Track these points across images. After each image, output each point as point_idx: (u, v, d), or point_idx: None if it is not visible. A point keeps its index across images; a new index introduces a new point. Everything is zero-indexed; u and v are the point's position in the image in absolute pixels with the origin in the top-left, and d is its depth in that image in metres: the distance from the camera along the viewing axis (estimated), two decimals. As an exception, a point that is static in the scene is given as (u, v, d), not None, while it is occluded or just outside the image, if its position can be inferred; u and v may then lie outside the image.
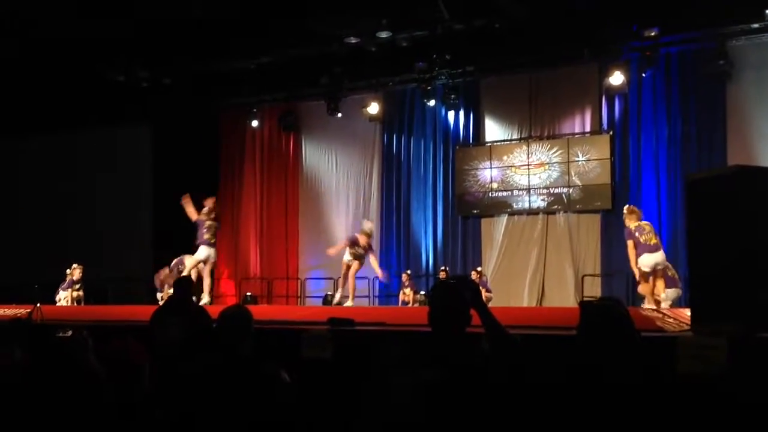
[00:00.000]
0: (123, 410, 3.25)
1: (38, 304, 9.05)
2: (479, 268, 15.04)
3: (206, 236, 12.21)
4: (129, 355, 3.42)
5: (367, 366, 3.12)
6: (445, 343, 2.97)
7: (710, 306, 5.16)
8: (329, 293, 16.87)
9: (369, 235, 12.31)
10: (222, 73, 16.26)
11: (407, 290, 15.08)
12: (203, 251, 12.22)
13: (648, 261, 9.73)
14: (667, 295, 9.81)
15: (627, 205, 10.78)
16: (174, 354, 5.28)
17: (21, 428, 3.09)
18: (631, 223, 9.99)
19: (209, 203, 12.40)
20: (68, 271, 14.56)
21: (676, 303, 9.83)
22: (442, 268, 15.34)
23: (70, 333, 4.44)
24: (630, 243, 9.87)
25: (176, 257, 15.20)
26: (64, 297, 14.23)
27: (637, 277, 9.91)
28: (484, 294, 3.73)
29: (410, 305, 14.73)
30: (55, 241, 17.76)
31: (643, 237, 9.80)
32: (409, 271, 15.65)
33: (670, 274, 10.07)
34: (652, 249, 9.76)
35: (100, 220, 18.02)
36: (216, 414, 3.35)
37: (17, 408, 3.15)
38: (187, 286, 6.15)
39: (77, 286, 14.42)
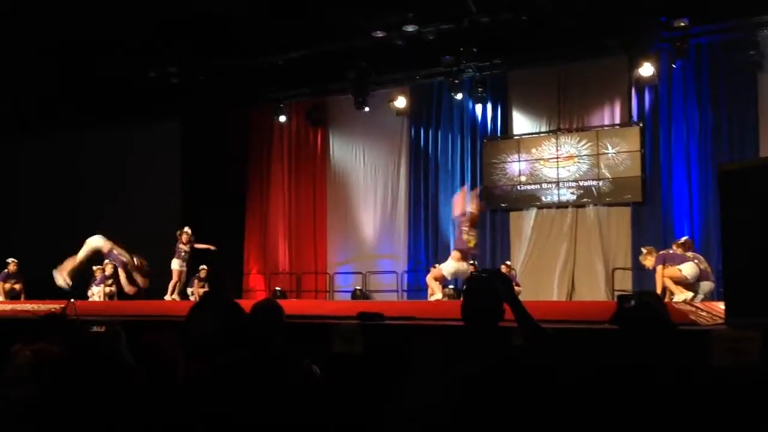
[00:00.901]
0: (155, 403, 3.28)
1: (72, 300, 9.15)
2: (508, 262, 14.98)
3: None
4: (161, 350, 3.45)
5: (399, 360, 3.12)
6: (478, 337, 2.95)
7: (744, 299, 5.10)
8: (358, 288, 16.93)
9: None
10: (250, 69, 16.32)
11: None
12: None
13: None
14: (701, 287, 9.74)
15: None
16: (208, 348, 5.30)
17: (58, 419, 3.13)
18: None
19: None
20: (97, 268, 14.71)
21: (710, 296, 9.74)
22: (471, 262, 15.27)
23: (104, 328, 4.49)
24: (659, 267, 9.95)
25: (205, 253, 15.35)
26: (96, 292, 14.39)
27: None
28: (514, 288, 3.71)
29: (439, 299, 14.67)
30: (87, 237, 17.93)
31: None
32: (437, 265, 15.60)
33: (702, 267, 9.99)
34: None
35: (130, 216, 18.17)
36: (248, 408, 3.37)
37: (56, 400, 3.20)
38: (223, 281, 6.17)
39: (109, 282, 14.57)
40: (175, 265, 13.70)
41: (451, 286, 15.47)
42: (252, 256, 18.57)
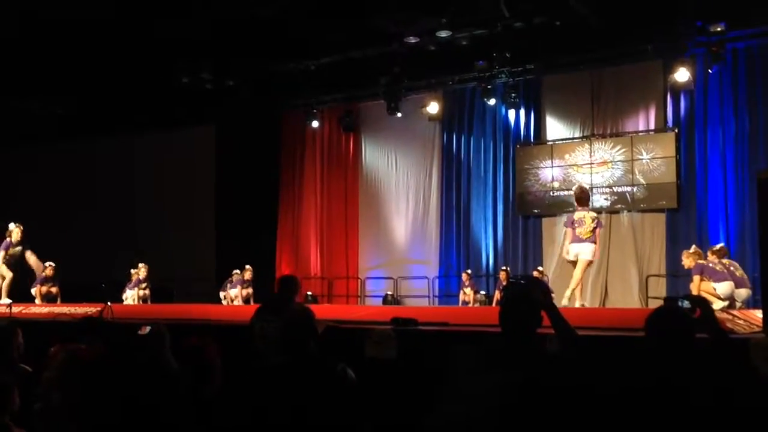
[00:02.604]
0: (196, 404, 3.31)
1: (108, 303, 9.27)
2: (540, 268, 14.89)
3: None
4: (205, 353, 3.49)
5: (435, 366, 3.12)
6: (516, 344, 2.95)
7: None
8: (389, 293, 16.94)
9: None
10: (283, 74, 16.44)
11: (467, 290, 15.03)
12: None
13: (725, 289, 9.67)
14: (737, 295, 9.63)
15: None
16: (270, 352, 5.33)
17: (97, 419, 3.18)
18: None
19: None
20: (133, 270, 14.87)
21: (746, 304, 9.63)
22: (503, 268, 15.22)
23: (148, 329, 4.55)
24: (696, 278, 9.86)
25: (238, 257, 15.46)
26: (130, 296, 14.55)
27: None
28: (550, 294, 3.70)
29: (471, 305, 14.68)
30: (120, 241, 18.18)
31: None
32: (469, 271, 15.59)
33: (738, 274, 9.88)
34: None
35: (165, 220, 18.39)
36: (284, 411, 3.39)
37: (92, 401, 3.24)
38: (291, 285, 6.14)
39: (143, 285, 14.73)
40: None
41: (482, 292, 15.45)
42: (284, 260, 18.65)
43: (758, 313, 6.05)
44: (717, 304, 9.37)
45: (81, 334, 4.89)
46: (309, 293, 17.42)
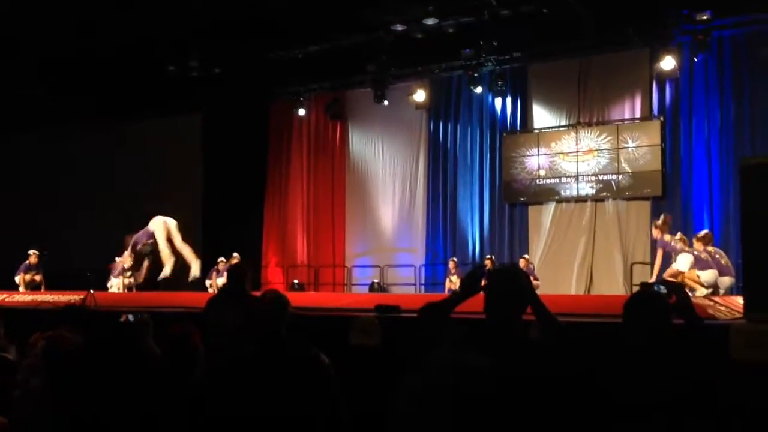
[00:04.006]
0: (178, 391, 3.31)
1: (91, 291, 9.21)
2: (526, 256, 14.95)
3: None
4: (189, 340, 3.48)
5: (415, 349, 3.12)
6: (499, 330, 2.95)
7: (764, 293, 5.06)
8: (375, 281, 16.97)
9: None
10: (270, 62, 16.37)
11: (453, 278, 15.06)
12: None
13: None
14: (721, 282, 9.69)
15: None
16: (226, 342, 5.33)
17: (71, 404, 3.17)
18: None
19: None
20: (118, 259, 14.80)
21: (729, 291, 9.68)
22: (488, 257, 15.27)
23: (131, 317, 4.54)
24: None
25: (225, 246, 15.38)
26: (115, 284, 14.49)
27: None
28: (532, 282, 3.72)
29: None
30: (105, 229, 18.08)
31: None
32: (455, 259, 15.63)
33: (723, 262, 9.94)
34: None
35: (151, 208, 18.27)
36: (260, 400, 3.38)
37: (68, 386, 3.23)
38: (240, 274, 6.16)
39: (128, 274, 14.67)
40: None
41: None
42: (270, 248, 18.64)
43: (740, 300, 6.08)
44: (700, 292, 9.44)
45: (63, 321, 4.86)
46: (295, 281, 17.43)
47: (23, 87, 17.24)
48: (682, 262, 9.82)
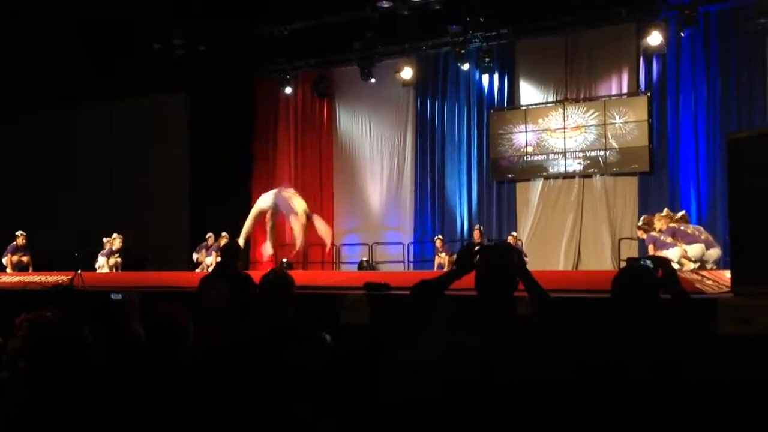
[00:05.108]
0: (164, 373, 3.29)
1: (79, 271, 9.19)
2: (514, 233, 14.98)
3: None
4: (175, 320, 3.46)
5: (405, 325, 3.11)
6: (489, 307, 2.95)
7: (750, 267, 5.10)
8: (364, 259, 16.97)
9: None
10: (256, 39, 16.25)
11: (442, 254, 15.10)
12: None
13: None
14: (708, 256, 9.75)
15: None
16: (220, 320, 5.35)
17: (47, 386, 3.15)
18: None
19: None
20: (106, 239, 14.74)
21: (717, 265, 9.75)
22: (477, 227, 15.29)
23: (120, 296, 4.52)
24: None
25: (213, 226, 15.32)
26: (103, 263, 14.45)
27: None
28: (523, 258, 3.71)
29: (446, 268, 14.75)
30: (93, 209, 17.99)
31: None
32: (441, 237, 15.64)
33: (703, 237, 9.99)
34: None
35: (138, 187, 18.21)
36: (262, 377, 3.37)
37: (58, 369, 3.21)
38: (235, 253, 6.17)
39: (116, 255, 14.63)
40: None
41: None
42: (258, 228, 18.57)
43: (727, 274, 6.11)
44: (688, 266, 9.49)
45: (50, 302, 4.84)
46: (284, 260, 17.38)
47: (6, 71, 17.08)
48: (672, 254, 9.84)
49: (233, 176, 17.99)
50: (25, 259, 14.01)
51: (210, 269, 14.76)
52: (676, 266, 9.43)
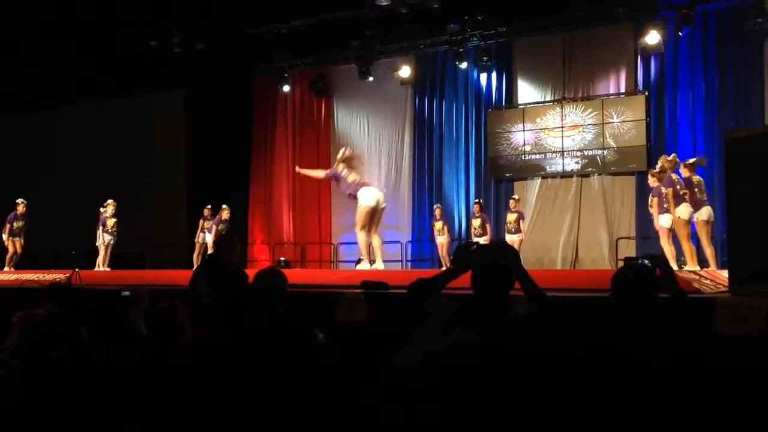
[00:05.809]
0: (163, 368, 3.29)
1: (77, 269, 9.19)
2: (516, 196, 15.12)
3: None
4: (174, 317, 3.46)
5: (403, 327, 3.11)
6: (485, 305, 2.95)
7: (748, 266, 5.09)
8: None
9: None
10: (254, 37, 16.23)
11: (438, 224, 15.55)
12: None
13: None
14: (699, 215, 9.83)
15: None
16: (213, 315, 5.30)
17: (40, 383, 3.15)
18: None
19: None
20: (102, 209, 14.74)
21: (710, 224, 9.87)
22: (476, 200, 15.34)
23: (128, 294, 4.51)
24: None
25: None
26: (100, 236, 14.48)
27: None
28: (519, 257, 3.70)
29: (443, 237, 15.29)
30: (91, 207, 17.96)
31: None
32: (439, 204, 15.81)
33: (698, 196, 9.98)
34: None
35: (136, 185, 18.19)
36: (256, 374, 3.36)
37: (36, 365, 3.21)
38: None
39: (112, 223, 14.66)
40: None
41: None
42: (257, 226, 18.59)
43: (724, 273, 6.12)
44: (689, 267, 9.50)
45: (47, 300, 4.83)
46: (282, 258, 17.39)
47: (6, 68, 17.08)
48: (683, 211, 9.82)
49: (231, 175, 17.98)
50: (18, 224, 14.25)
51: (209, 250, 14.58)
52: (673, 265, 9.46)
